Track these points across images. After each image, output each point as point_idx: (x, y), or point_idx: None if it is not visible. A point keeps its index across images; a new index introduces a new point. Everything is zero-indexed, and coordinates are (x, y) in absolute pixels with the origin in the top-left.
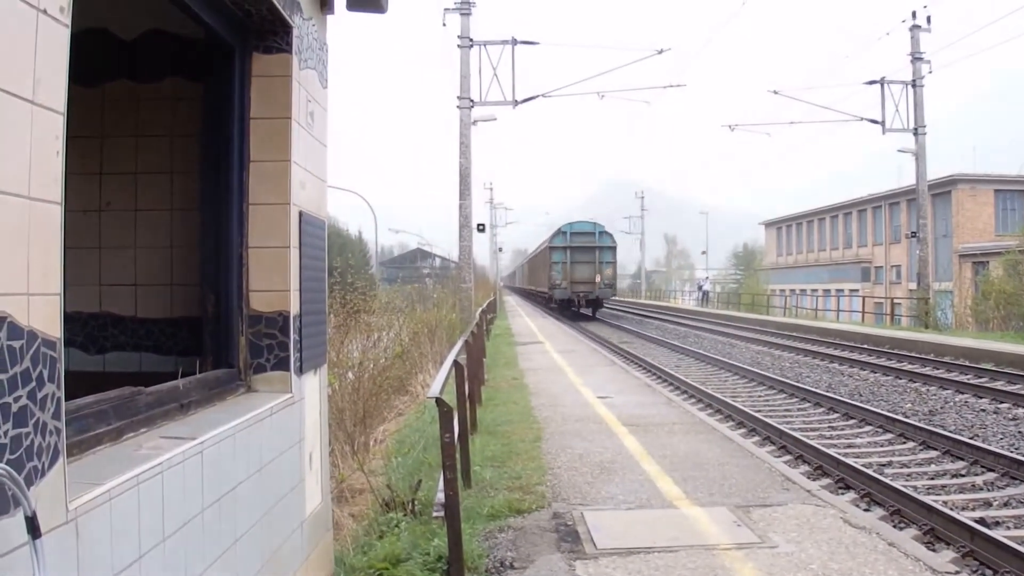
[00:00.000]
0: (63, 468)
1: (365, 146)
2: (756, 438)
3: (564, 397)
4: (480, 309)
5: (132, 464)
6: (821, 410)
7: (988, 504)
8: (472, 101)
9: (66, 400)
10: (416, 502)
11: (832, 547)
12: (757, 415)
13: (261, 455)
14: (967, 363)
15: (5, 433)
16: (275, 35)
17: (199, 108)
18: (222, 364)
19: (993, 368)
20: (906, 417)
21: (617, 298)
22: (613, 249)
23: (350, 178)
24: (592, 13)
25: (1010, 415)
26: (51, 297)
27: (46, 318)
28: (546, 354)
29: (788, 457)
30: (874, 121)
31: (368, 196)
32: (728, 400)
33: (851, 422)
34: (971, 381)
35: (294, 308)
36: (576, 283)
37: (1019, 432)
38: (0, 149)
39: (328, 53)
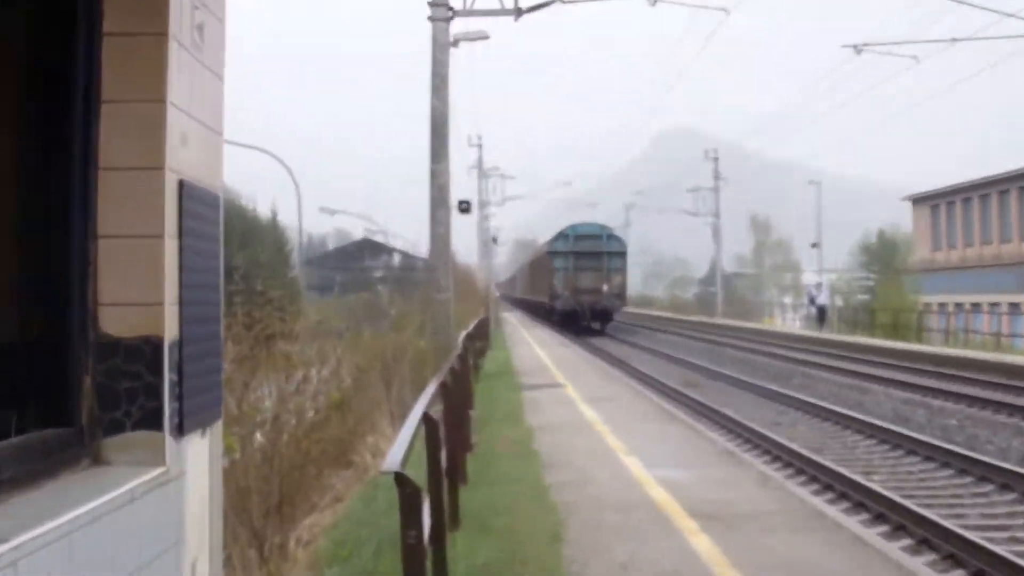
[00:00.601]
0: None
1: (287, 82)
2: (906, 541)
3: (597, 471)
4: (465, 333)
5: None
6: (1012, 496)
7: None
8: (451, 9)
9: None
10: None
11: None
12: (906, 503)
13: (115, 567)
14: None
15: None
16: None
17: (15, 20)
18: (53, 421)
19: None
20: None
21: (680, 317)
22: (622, 255)
23: (263, 133)
24: None
25: None
26: None
27: None
28: (568, 404)
29: (961, 574)
30: None
31: (288, 158)
32: (858, 479)
33: None
34: None
35: (170, 332)
36: (581, 292)
37: None
38: None
39: None
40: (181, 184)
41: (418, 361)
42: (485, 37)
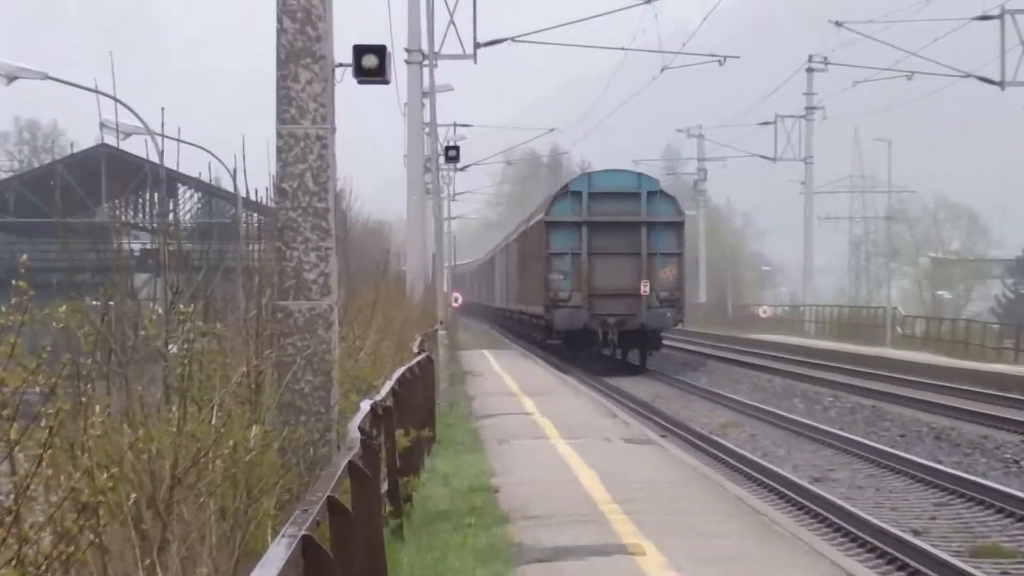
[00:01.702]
0: None
1: None
2: None
3: None
4: (359, 420)
5: None
6: None
7: None
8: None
9: None
10: None
11: None
12: None
13: None
14: None
15: None
16: None
17: None
18: None
19: None
20: None
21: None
22: (677, 227)
23: None
24: None
25: None
26: None
27: None
28: None
29: None
30: None
31: None
32: None
33: None
34: None
35: None
36: (601, 296)
37: None
38: None
39: None
40: None
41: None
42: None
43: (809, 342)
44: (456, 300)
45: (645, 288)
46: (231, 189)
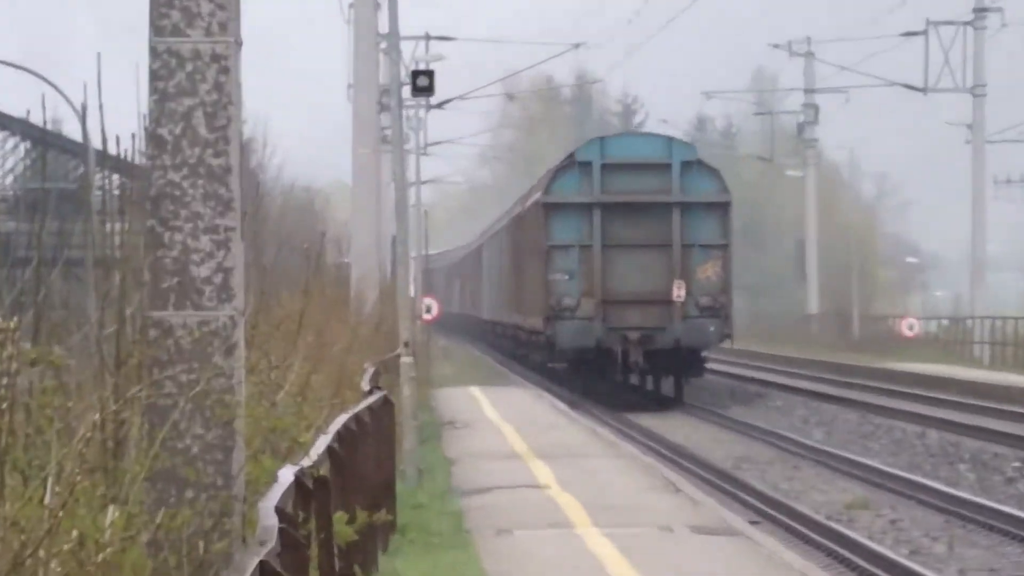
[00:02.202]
0: None
1: None
2: None
3: None
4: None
5: None
6: None
7: None
8: None
9: None
10: None
11: None
12: None
13: None
14: None
15: None
16: None
17: None
18: None
19: None
20: None
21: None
22: (721, 209)
23: None
24: None
25: None
26: None
27: None
28: None
29: None
30: None
31: None
32: None
33: None
34: None
35: None
36: (619, 304)
37: None
38: None
39: None
40: None
41: None
42: None
43: (981, 375)
44: (429, 310)
45: (679, 292)
46: (77, 137)
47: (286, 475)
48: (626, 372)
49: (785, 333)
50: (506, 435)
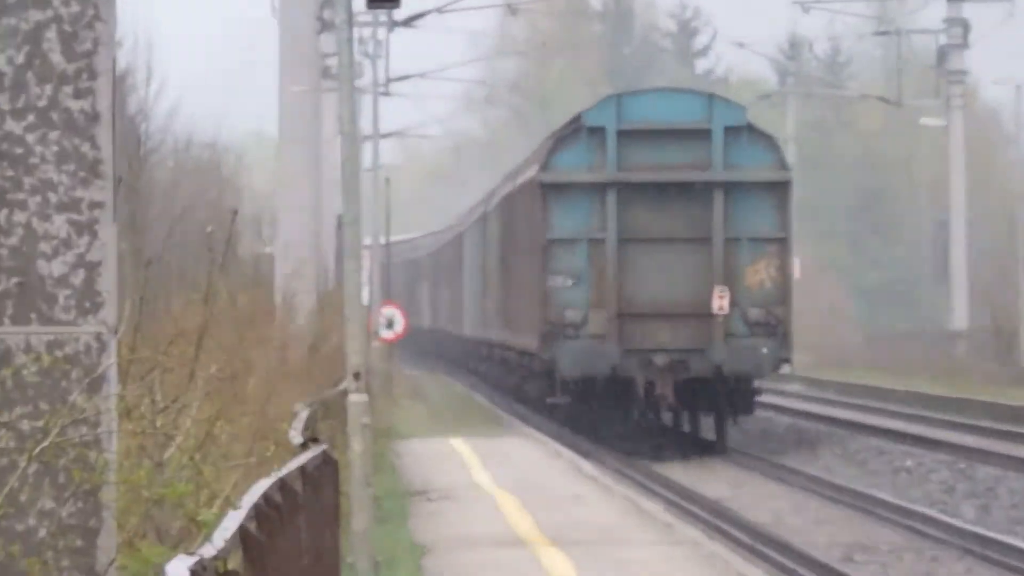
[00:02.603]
0: None
1: None
2: None
3: None
4: None
5: None
6: None
7: None
8: None
9: None
10: None
11: None
12: None
13: None
14: None
15: None
16: None
17: None
18: None
19: None
20: None
21: None
22: (777, 191)
23: None
24: None
25: None
26: None
27: None
28: None
29: None
30: None
31: None
32: None
33: None
34: None
35: None
36: (641, 318)
37: None
38: None
39: None
40: None
41: None
42: None
43: None
44: (391, 324)
45: (722, 302)
46: None
47: (177, 570)
48: (650, 409)
49: (918, 359)
50: (504, 510)
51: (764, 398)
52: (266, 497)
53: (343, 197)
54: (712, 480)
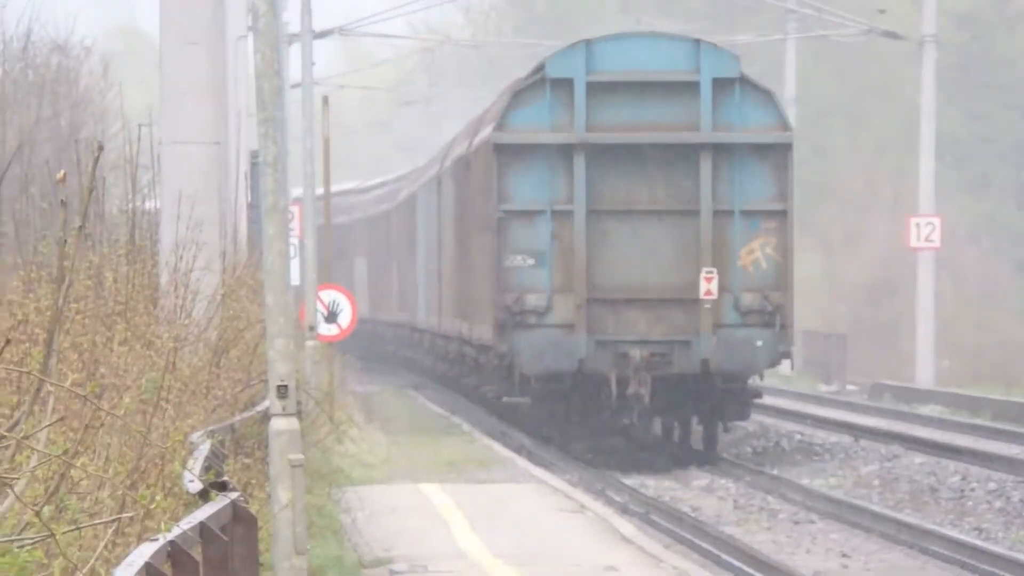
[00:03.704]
0: None
1: None
2: None
3: None
4: None
5: None
6: None
7: None
8: None
9: None
10: None
11: None
12: None
13: None
14: None
15: None
16: None
17: None
18: None
19: None
20: None
21: None
22: (775, 153)
23: None
24: None
25: None
26: None
27: None
28: None
29: None
30: None
31: None
32: None
33: None
34: None
35: None
36: (614, 304)
37: None
38: None
39: None
40: None
41: None
42: None
43: None
44: (334, 315)
45: (710, 286)
46: None
47: None
48: (624, 410)
49: None
50: None
51: (889, 423)
52: (149, 571)
53: (258, 126)
54: (814, 548)
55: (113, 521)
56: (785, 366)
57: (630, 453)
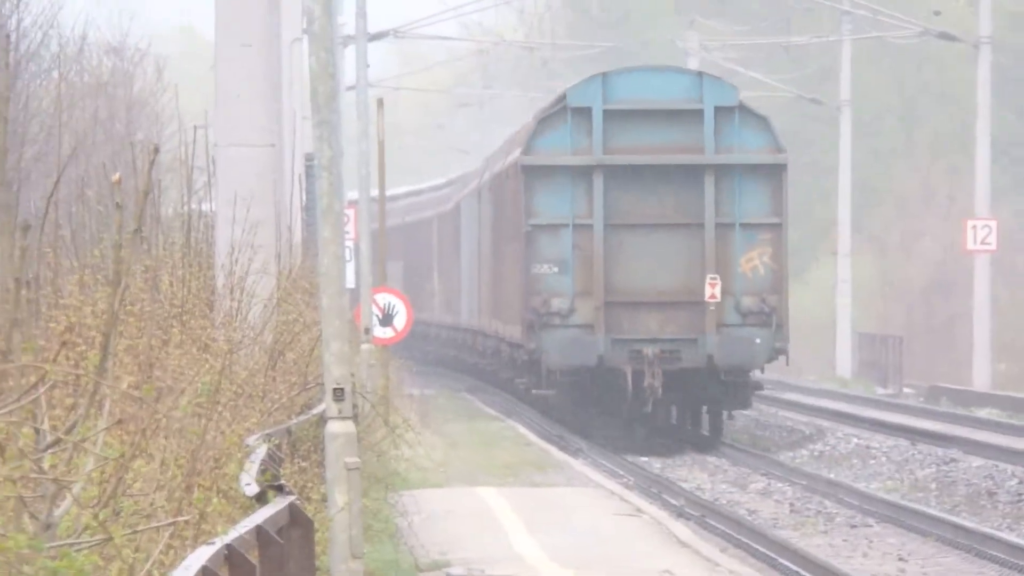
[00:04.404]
0: None
1: None
2: None
3: None
4: None
5: None
6: None
7: None
8: None
9: None
10: None
11: None
12: None
13: None
14: None
15: None
16: None
17: None
18: None
19: None
20: None
21: None
22: (772, 174)
23: None
24: None
25: None
26: None
27: None
28: None
29: None
30: None
31: None
32: None
33: None
34: None
35: None
36: (630, 306)
37: None
38: None
39: None
40: None
41: None
42: None
43: None
44: (389, 318)
45: (714, 290)
46: None
47: None
48: (639, 401)
49: None
50: None
51: (945, 426)
52: (206, 574)
53: (313, 129)
54: (870, 552)
55: (170, 524)
56: (843, 368)
57: (645, 439)
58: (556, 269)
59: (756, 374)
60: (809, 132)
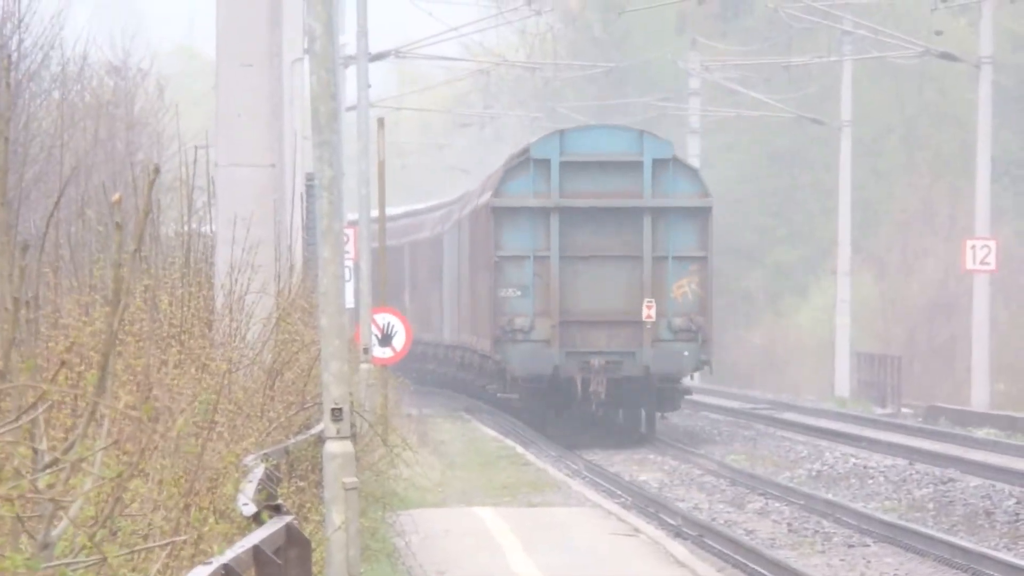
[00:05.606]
0: None
1: None
2: None
3: None
4: None
5: None
6: None
7: None
8: None
9: None
10: None
11: None
12: None
13: None
14: None
15: None
16: None
17: None
18: None
19: None
20: None
21: None
22: (700, 215)
23: None
24: None
25: None
26: None
27: None
28: None
29: None
30: None
31: None
32: None
33: None
34: None
35: None
36: (580, 324)
37: None
38: None
39: None
40: None
41: None
42: None
43: None
44: (388, 338)
45: (650, 311)
46: None
47: None
48: (587, 403)
49: None
50: None
51: (943, 446)
52: None
53: (314, 149)
54: (868, 571)
55: (166, 544)
56: (841, 388)
57: (592, 434)
58: (519, 293)
59: (685, 381)
60: (810, 152)
